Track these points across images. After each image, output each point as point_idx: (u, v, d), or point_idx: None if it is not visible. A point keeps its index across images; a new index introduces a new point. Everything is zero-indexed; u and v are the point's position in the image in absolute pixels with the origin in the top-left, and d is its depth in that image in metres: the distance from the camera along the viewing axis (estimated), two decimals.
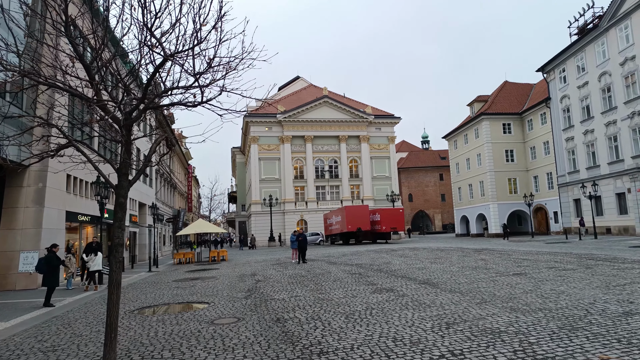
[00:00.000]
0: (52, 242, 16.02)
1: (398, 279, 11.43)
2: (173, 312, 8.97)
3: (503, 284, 9.53)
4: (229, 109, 5.87)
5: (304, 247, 20.33)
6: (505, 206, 39.58)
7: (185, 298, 10.74)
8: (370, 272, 13.75)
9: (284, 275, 14.39)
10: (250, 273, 16.18)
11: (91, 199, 19.49)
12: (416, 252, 21.67)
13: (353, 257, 20.44)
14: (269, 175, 48.56)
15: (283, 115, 48.85)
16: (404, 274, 12.65)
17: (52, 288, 10.73)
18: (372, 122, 51.40)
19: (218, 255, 26.83)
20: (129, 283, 15.66)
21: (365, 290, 9.88)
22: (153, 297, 11.32)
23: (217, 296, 10.60)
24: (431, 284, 10.12)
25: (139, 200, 28.88)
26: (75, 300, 11.48)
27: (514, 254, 17.40)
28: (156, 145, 5.74)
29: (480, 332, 5.57)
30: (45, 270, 10.67)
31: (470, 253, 18.98)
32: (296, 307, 8.27)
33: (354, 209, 36.47)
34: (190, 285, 13.39)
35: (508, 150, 39.99)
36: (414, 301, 8.07)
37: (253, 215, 47.67)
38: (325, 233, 43.31)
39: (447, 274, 11.95)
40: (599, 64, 28.85)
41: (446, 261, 15.79)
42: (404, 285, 10.28)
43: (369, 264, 16.62)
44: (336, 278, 12.61)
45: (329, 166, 50.41)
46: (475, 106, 43.99)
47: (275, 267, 18.17)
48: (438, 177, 70.03)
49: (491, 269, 12.35)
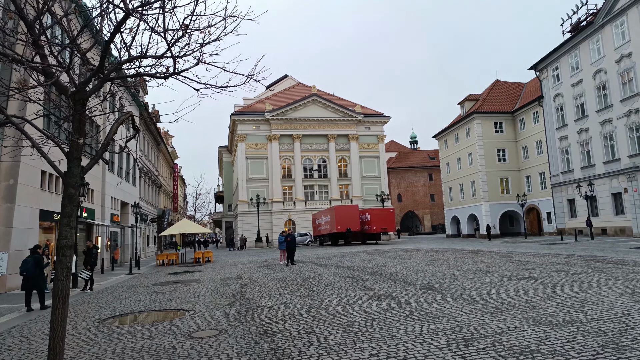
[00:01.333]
0: (23, 242, 14.78)
1: (396, 284, 10.52)
2: (147, 322, 7.88)
3: (514, 289, 8.69)
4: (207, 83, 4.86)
5: (292, 248, 19.36)
6: (497, 206, 39.18)
7: (163, 304, 9.63)
8: (365, 275, 12.82)
9: (272, 279, 13.37)
10: (236, 276, 15.10)
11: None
12: (409, 253, 20.86)
13: (344, 259, 19.51)
14: (256, 175, 47.36)
15: (271, 113, 47.71)
16: (402, 277, 11.76)
17: (43, 290, 10.27)
18: (361, 121, 50.63)
19: (203, 257, 25.61)
20: (105, 287, 14.43)
21: (362, 296, 8.94)
22: (128, 303, 10.18)
23: (198, 302, 9.53)
24: (434, 290, 9.23)
25: (121, 199, 27.46)
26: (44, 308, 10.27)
27: (513, 255, 16.69)
28: (118, 125, 4.69)
29: (508, 352, 4.67)
30: (34, 273, 9.92)
31: (467, 255, 18.24)
32: (286, 317, 7.28)
33: (343, 209, 35.58)
34: (171, 290, 12.26)
35: (500, 150, 39.62)
36: (419, 310, 7.15)
37: (240, 216, 46.40)
38: (314, 234, 42.31)
39: (449, 277, 11.10)
40: (593, 62, 28.54)
41: (444, 263, 14.97)
42: (403, 290, 9.37)
43: (361, 266, 15.71)
44: (328, 282, 11.64)
45: (318, 165, 49.45)
46: (466, 105, 43.57)
47: (263, 269, 17.12)
48: (427, 177, 69.71)
49: (495, 273, 11.55)
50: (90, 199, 21.26)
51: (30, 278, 9.84)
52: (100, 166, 22.83)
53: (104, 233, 23.55)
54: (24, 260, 10.10)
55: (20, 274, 9.98)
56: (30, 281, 9.86)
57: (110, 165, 24.60)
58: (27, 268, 9.86)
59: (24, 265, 9.95)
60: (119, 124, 4.64)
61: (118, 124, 4.63)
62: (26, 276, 9.82)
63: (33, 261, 9.97)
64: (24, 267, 9.92)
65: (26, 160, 14.65)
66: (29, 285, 9.87)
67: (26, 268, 9.88)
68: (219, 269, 18.62)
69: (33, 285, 9.91)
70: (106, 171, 23.63)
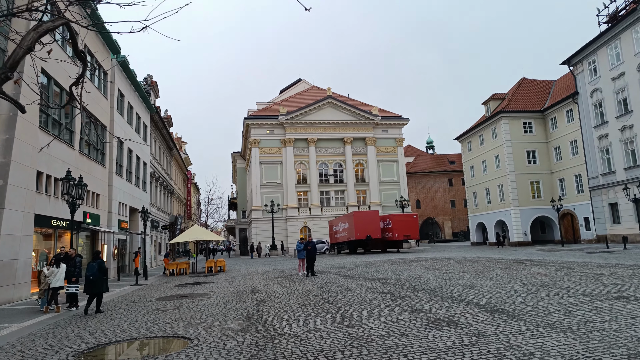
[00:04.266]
0: (14, 251, 13.19)
1: (449, 303, 8.48)
2: (134, 358, 6.05)
3: (620, 315, 6.55)
4: None
5: (312, 257, 17.44)
6: (527, 212, 36.49)
7: (162, 329, 7.79)
8: (403, 290, 10.79)
9: (293, 294, 11.44)
10: (251, 289, 13.23)
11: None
12: (443, 263, 18.66)
13: (370, 269, 17.47)
14: (270, 180, 45.70)
15: (285, 117, 46.15)
16: (450, 293, 9.69)
17: (102, 294, 10.74)
18: (378, 123, 48.61)
19: (215, 266, 23.88)
20: (104, 301, 12.72)
21: (414, 321, 6.93)
22: (121, 325, 8.38)
23: (205, 326, 7.67)
24: (506, 313, 7.16)
25: (130, 205, 25.97)
26: (23, 328, 8.59)
27: (572, 266, 14.38)
28: (38, 36, 2.88)
29: None
30: (99, 277, 10.44)
31: (513, 265, 15.98)
32: (319, 354, 5.34)
33: (363, 215, 33.46)
34: (175, 307, 10.45)
35: (529, 151, 37.04)
36: (510, 348, 5.10)
37: (254, 222, 44.70)
38: (331, 241, 40.23)
39: (513, 295, 8.99)
40: (637, 52, 26.05)
41: (493, 275, 12.82)
42: (465, 313, 7.33)
43: (394, 278, 13.66)
44: (362, 299, 9.66)
45: (334, 170, 47.52)
46: (491, 105, 41.17)
47: (280, 281, 15.21)
48: (447, 183, 67.03)
49: (570, 289, 9.37)
50: (95, 203, 19.79)
51: (95, 282, 10.28)
52: (107, 169, 21.41)
53: (110, 240, 22.03)
54: (90, 265, 10.63)
55: (86, 278, 10.46)
56: (94, 285, 10.28)
57: (117, 169, 23.17)
58: (93, 272, 10.35)
59: (90, 270, 10.45)
60: (39, 34, 2.85)
61: (38, 34, 2.84)
62: (92, 280, 10.27)
63: (97, 266, 10.50)
64: (90, 272, 10.40)
65: (18, 159, 13.16)
66: (92, 290, 10.33)
67: (92, 273, 10.36)
68: (232, 280, 16.79)
69: (96, 290, 10.35)
70: (114, 175, 22.17)
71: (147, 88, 33.43)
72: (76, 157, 17.10)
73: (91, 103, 19.06)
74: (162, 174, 38.39)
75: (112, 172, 21.85)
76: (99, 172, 20.24)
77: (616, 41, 27.87)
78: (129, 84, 25.57)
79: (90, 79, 19.14)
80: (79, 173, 16.97)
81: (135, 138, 27.12)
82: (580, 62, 31.63)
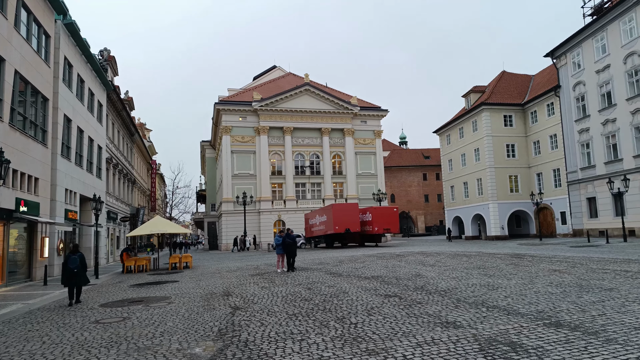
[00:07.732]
0: None
1: (483, 311, 6.64)
2: None
3: None
4: None
5: (293, 252, 15.45)
6: (505, 206, 36.03)
7: (91, 359, 5.44)
8: (411, 292, 8.93)
9: (276, 297, 9.30)
10: (222, 291, 10.96)
11: (4, 186, 13.39)
12: (434, 258, 17.06)
13: (357, 265, 15.59)
14: (242, 171, 42.97)
15: (259, 103, 43.45)
16: (474, 297, 7.89)
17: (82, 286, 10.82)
18: (357, 114, 46.89)
19: (180, 262, 21.24)
20: (30, 309, 10.04)
21: (460, 344, 5.02)
22: (30, 351, 5.90)
23: (157, 352, 5.41)
24: (576, 329, 5.39)
25: (81, 193, 22.63)
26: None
27: (581, 261, 13.08)
28: None
29: None
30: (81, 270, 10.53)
31: (515, 260, 14.56)
32: None
33: (342, 208, 31.65)
34: (122, 317, 8.06)
35: (509, 145, 36.51)
36: None
37: (224, 215, 41.88)
38: (307, 235, 38.21)
39: (555, 300, 7.28)
40: (624, 44, 25.59)
41: (503, 273, 11.22)
42: (519, 328, 5.49)
43: (391, 276, 11.82)
44: (366, 306, 7.68)
45: (310, 162, 45.41)
46: (471, 97, 40.42)
47: (257, 280, 13.00)
48: (422, 177, 66.74)
49: (619, 290, 7.81)
50: (33, 189, 16.64)
51: (78, 274, 10.37)
52: (49, 149, 18.18)
53: (54, 233, 18.87)
54: (72, 258, 10.46)
55: (71, 270, 10.33)
56: (76, 277, 10.34)
57: (64, 150, 19.93)
58: (76, 265, 10.41)
59: (73, 263, 10.41)
60: None
61: None
62: (76, 272, 10.32)
63: (79, 259, 10.55)
64: (74, 265, 10.38)
65: None
66: (73, 281, 10.34)
67: (75, 265, 10.39)
68: (199, 279, 14.39)
69: (78, 282, 10.44)
70: (58, 157, 18.91)
71: (104, 63, 29.79)
72: (5, 130, 14.00)
73: (27, 68, 15.90)
74: (121, 160, 34.78)
75: (55, 154, 18.61)
76: (38, 152, 17.04)
77: (602, 33, 27.38)
78: (79, 53, 22.16)
79: (26, 39, 15.93)
80: (10, 151, 13.94)
81: (87, 116, 23.79)
82: (563, 54, 31.12)
